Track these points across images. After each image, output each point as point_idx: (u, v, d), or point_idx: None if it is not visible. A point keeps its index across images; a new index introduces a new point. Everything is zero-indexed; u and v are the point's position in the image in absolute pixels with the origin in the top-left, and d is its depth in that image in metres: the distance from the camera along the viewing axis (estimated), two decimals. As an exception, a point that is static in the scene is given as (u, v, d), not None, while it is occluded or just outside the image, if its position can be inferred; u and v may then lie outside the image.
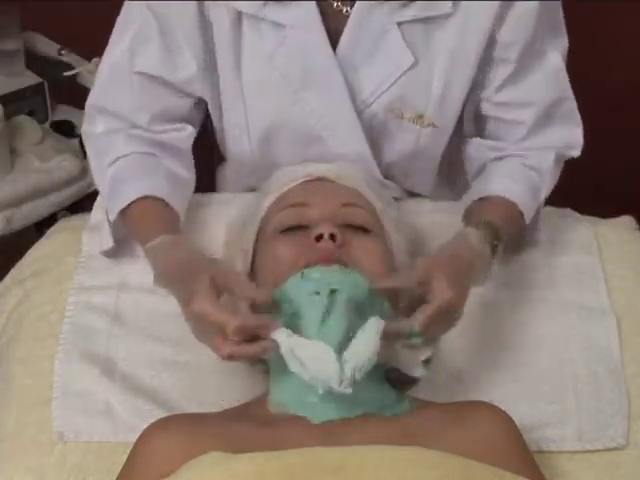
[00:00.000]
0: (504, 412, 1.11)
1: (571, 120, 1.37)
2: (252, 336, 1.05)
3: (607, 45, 2.19)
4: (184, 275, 1.12)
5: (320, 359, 1.03)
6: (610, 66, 2.25)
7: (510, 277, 1.36)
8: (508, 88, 1.33)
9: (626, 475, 1.18)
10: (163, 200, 1.28)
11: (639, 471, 1.19)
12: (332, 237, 1.15)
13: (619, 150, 2.27)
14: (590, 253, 1.41)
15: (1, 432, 1.20)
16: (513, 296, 1.35)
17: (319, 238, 1.15)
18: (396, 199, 1.41)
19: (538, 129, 1.36)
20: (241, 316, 1.06)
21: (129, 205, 1.27)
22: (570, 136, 1.38)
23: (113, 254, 1.35)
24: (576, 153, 1.39)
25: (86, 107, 1.38)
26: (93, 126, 1.37)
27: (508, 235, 1.26)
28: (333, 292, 1.07)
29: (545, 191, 1.35)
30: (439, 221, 1.43)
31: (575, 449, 1.20)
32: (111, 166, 1.31)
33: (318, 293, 1.07)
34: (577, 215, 1.51)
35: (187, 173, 1.36)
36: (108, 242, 1.33)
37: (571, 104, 1.36)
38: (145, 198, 1.27)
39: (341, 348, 1.04)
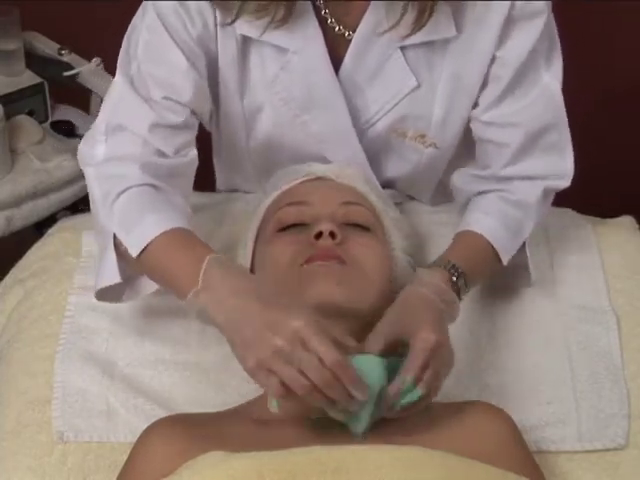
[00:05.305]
0: (504, 412, 1.11)
1: (562, 149, 1.30)
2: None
3: (607, 45, 2.18)
4: (275, 296, 1.04)
5: None
6: (610, 65, 2.24)
7: (510, 277, 1.36)
8: (495, 107, 1.28)
9: (626, 475, 1.18)
10: (189, 230, 1.17)
11: (639, 471, 1.19)
12: (332, 235, 1.15)
13: (619, 150, 2.27)
14: (590, 253, 1.41)
15: (1, 432, 1.20)
16: (513, 296, 1.35)
17: (319, 236, 1.15)
18: (397, 204, 1.41)
19: (524, 154, 1.29)
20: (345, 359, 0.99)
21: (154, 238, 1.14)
22: (559, 166, 1.31)
23: (111, 295, 1.22)
24: (565, 184, 1.32)
25: (94, 126, 1.25)
26: (93, 150, 1.24)
27: (473, 272, 1.20)
28: None
29: (529, 227, 1.28)
30: (439, 221, 1.43)
31: (575, 449, 1.20)
32: (123, 194, 1.18)
33: None
34: (577, 215, 1.51)
35: (187, 204, 1.26)
36: (114, 277, 1.18)
37: (563, 132, 1.29)
38: (173, 230, 1.15)
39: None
